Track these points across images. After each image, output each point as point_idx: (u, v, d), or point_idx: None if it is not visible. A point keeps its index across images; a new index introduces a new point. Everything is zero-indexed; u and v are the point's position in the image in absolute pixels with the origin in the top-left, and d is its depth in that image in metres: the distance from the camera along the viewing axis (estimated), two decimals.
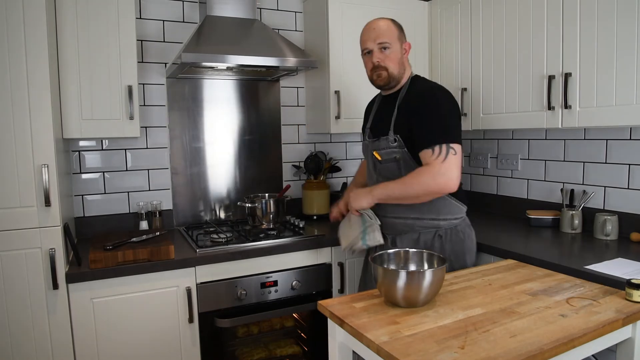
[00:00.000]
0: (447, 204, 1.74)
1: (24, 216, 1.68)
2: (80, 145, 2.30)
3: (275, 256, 2.09)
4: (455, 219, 1.77)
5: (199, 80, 2.52)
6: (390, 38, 1.72)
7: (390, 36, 1.72)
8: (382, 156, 1.75)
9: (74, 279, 1.75)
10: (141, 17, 2.37)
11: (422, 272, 1.25)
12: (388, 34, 1.72)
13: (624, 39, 1.68)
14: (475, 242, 1.86)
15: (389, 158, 1.73)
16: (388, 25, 1.74)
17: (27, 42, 1.64)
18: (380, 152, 1.76)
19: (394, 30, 1.74)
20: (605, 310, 1.23)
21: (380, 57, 1.72)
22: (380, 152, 1.76)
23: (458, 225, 1.78)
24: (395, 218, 1.77)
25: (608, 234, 1.97)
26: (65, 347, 1.77)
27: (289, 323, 2.39)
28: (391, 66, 1.73)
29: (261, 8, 2.64)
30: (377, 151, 1.77)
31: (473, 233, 1.85)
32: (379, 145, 1.76)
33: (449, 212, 1.75)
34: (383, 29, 1.72)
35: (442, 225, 1.75)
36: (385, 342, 1.08)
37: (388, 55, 1.72)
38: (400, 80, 1.76)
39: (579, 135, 2.22)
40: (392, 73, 1.73)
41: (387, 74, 1.73)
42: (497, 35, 2.21)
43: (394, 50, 1.72)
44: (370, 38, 1.74)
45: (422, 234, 1.75)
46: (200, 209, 2.56)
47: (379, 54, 1.72)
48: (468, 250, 1.80)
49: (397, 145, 1.70)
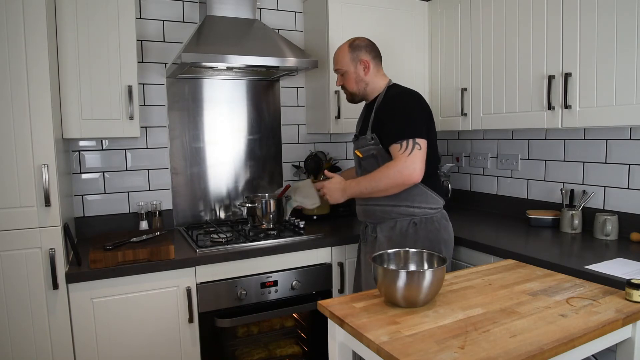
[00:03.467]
0: (421, 192, 1.84)
1: (24, 216, 1.69)
2: (80, 145, 2.30)
3: (275, 256, 2.09)
4: (431, 208, 1.86)
5: (199, 80, 2.52)
6: (342, 64, 1.93)
7: (342, 62, 1.93)
8: (363, 153, 1.92)
9: (74, 279, 1.75)
10: (141, 17, 2.37)
11: (422, 272, 1.25)
12: (340, 61, 1.94)
13: (624, 39, 1.68)
14: (452, 235, 1.94)
15: (368, 155, 1.90)
16: (341, 51, 1.94)
17: (27, 42, 1.64)
18: (360, 149, 1.94)
19: (346, 54, 1.92)
20: (605, 310, 1.23)
21: (340, 81, 1.98)
22: (361, 150, 1.94)
23: (434, 215, 1.87)
24: (375, 205, 1.90)
25: (608, 234, 1.97)
26: (65, 347, 1.77)
27: (289, 323, 2.39)
28: (349, 86, 1.95)
29: (261, 8, 2.64)
30: (358, 149, 1.96)
31: (450, 226, 1.93)
32: (360, 144, 1.95)
33: (424, 200, 1.85)
34: (337, 57, 1.96)
35: (416, 213, 1.85)
36: (385, 342, 1.08)
37: (345, 78, 1.95)
38: (366, 94, 1.95)
39: (579, 135, 2.22)
40: (352, 92, 1.96)
41: (349, 92, 1.98)
42: (497, 35, 2.21)
43: (349, 72, 1.93)
44: (333, 64, 2.00)
45: (398, 221, 1.87)
46: (200, 209, 2.56)
47: (339, 78, 1.98)
48: (443, 241, 1.87)
49: (374, 143, 1.85)
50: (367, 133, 1.89)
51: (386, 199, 1.85)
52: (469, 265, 2.03)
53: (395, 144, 1.75)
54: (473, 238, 2.03)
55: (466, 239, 2.03)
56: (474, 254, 2.01)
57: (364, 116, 2.02)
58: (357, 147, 1.98)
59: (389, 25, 2.57)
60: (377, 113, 1.87)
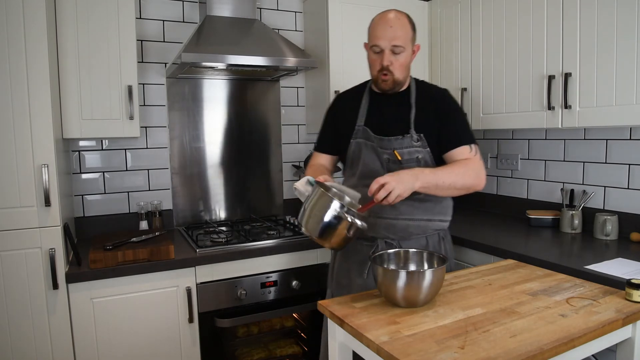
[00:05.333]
0: (449, 204, 1.75)
1: (24, 216, 1.69)
2: (80, 145, 2.30)
3: (275, 256, 2.09)
4: (448, 219, 1.77)
5: (198, 80, 2.51)
6: (404, 41, 1.57)
7: (405, 39, 1.57)
8: (403, 156, 1.63)
9: (74, 279, 1.75)
10: (141, 17, 2.37)
11: (422, 272, 1.25)
12: (403, 37, 1.57)
13: (624, 39, 1.68)
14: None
15: (410, 158, 1.63)
16: (405, 25, 1.58)
17: (27, 42, 1.64)
18: (401, 151, 1.63)
19: (409, 32, 1.60)
20: (605, 310, 1.23)
21: (391, 61, 1.58)
22: (403, 151, 1.63)
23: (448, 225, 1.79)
24: (409, 220, 1.65)
25: (608, 234, 1.97)
26: (65, 347, 1.77)
27: (289, 323, 2.39)
28: (398, 72, 1.61)
29: (261, 8, 2.64)
30: (397, 150, 1.64)
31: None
32: (401, 144, 1.63)
33: (449, 212, 1.76)
34: (400, 30, 1.56)
35: (444, 226, 1.75)
36: (385, 342, 1.08)
37: (398, 60, 1.58)
38: (402, 85, 1.67)
39: (579, 135, 2.22)
40: (397, 79, 1.62)
41: (392, 79, 1.61)
42: (497, 35, 2.21)
43: (406, 54, 1.59)
44: (384, 36, 1.56)
45: (429, 237, 1.70)
46: (200, 209, 2.56)
47: (390, 56, 1.58)
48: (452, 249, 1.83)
49: (420, 145, 1.63)
50: (411, 132, 1.63)
51: (422, 212, 1.66)
52: (469, 265, 2.03)
53: (465, 146, 1.60)
54: (473, 238, 2.03)
55: (466, 239, 2.03)
56: (474, 254, 2.01)
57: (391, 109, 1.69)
58: (393, 147, 1.64)
59: None
60: (420, 109, 1.64)
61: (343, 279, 1.77)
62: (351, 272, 1.74)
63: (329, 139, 1.83)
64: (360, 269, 1.70)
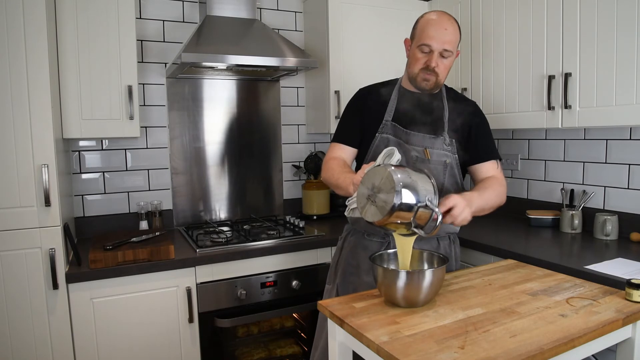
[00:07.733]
0: None
1: (23, 216, 1.69)
2: (80, 145, 2.30)
3: (275, 256, 2.09)
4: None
5: (199, 80, 2.51)
6: (454, 46, 1.58)
7: (455, 44, 1.59)
8: (432, 156, 1.61)
9: (74, 278, 1.75)
10: (141, 17, 2.37)
11: (422, 272, 1.24)
12: (454, 42, 1.58)
13: (624, 39, 1.68)
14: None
15: (438, 160, 1.61)
16: (456, 30, 1.59)
17: (27, 42, 1.65)
18: (431, 151, 1.61)
19: (459, 37, 1.61)
20: (605, 310, 1.23)
21: (438, 63, 1.57)
22: (433, 152, 1.61)
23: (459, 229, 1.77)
24: None
25: (608, 234, 1.97)
26: (65, 347, 1.77)
27: (289, 323, 2.39)
28: (442, 75, 1.60)
29: (261, 8, 2.64)
30: (428, 149, 1.61)
31: None
32: (432, 144, 1.61)
33: None
34: (453, 35, 1.57)
35: (456, 229, 1.74)
36: (385, 342, 1.08)
37: (444, 63, 1.58)
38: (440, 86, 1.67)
39: (579, 135, 2.22)
40: (439, 82, 1.61)
41: (436, 80, 1.59)
42: (497, 35, 2.21)
43: (452, 59, 1.60)
44: (438, 38, 1.55)
45: (441, 240, 1.70)
46: (200, 209, 2.56)
47: (439, 58, 1.57)
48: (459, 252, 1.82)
49: (451, 150, 1.62)
50: (444, 135, 1.62)
51: None
52: (469, 265, 2.03)
53: (494, 161, 1.66)
54: (473, 238, 2.03)
55: (466, 239, 2.03)
56: (474, 254, 2.01)
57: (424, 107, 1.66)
58: (427, 145, 1.62)
59: (389, 25, 2.57)
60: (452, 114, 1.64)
61: (351, 276, 1.73)
62: (360, 270, 1.71)
63: (353, 130, 1.74)
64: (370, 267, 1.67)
